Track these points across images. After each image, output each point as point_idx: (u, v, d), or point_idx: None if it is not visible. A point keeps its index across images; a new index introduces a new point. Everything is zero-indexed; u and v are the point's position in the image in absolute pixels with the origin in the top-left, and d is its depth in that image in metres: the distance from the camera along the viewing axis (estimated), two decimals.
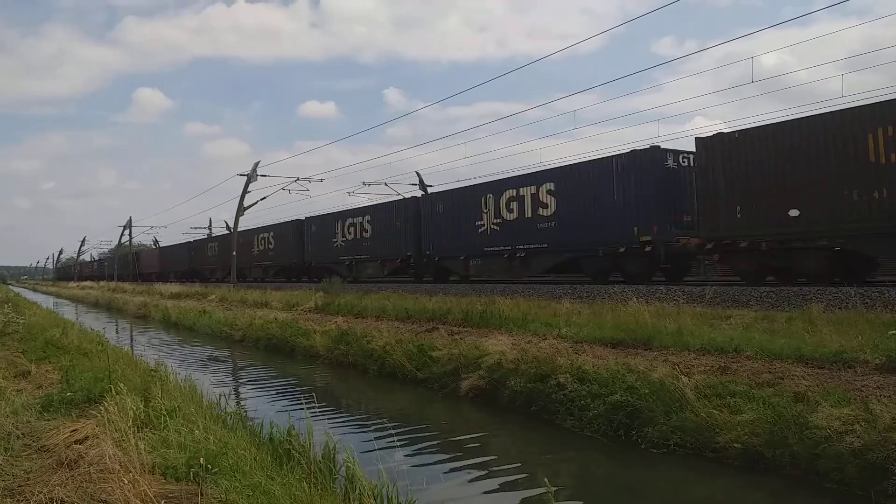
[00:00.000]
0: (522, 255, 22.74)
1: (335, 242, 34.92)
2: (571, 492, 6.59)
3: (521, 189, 22.95)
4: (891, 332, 8.17)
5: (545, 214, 21.97)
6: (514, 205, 23.20)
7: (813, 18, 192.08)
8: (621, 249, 19.08)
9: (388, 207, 31.72)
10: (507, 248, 23.34)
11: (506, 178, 24.33)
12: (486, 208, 24.46)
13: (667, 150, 18.92)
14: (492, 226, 24.25)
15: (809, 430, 6.18)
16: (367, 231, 32.28)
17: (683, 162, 18.74)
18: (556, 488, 6.62)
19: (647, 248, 18.40)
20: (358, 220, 33.23)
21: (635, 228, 18.55)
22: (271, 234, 42.93)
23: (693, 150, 17.76)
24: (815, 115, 15.20)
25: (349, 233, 33.73)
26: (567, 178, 21.35)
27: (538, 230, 22.06)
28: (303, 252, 38.28)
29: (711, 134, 17.10)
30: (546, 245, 21.89)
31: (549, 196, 21.84)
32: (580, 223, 20.35)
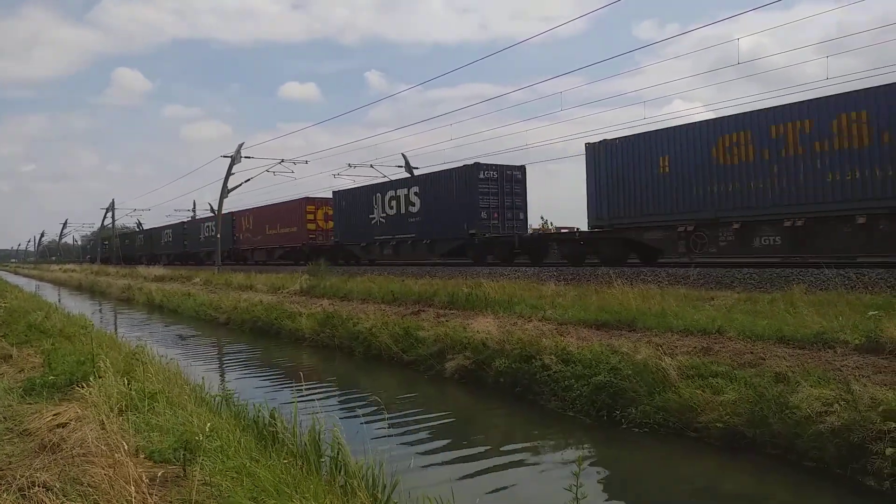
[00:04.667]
0: (394, 243, 30.11)
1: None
2: (554, 471, 6.64)
3: (397, 190, 30.24)
4: (871, 313, 8.28)
5: (413, 211, 28.85)
6: (393, 203, 30.19)
7: (794, 1, 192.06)
8: (461, 238, 25.76)
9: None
10: (391, 237, 30.35)
11: (387, 182, 33.00)
12: (376, 205, 31.33)
13: (482, 166, 25.57)
14: (381, 219, 31.08)
15: (790, 410, 6.26)
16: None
17: (491, 174, 25.63)
18: (543, 469, 6.70)
19: (475, 239, 25.08)
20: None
21: (465, 224, 25.24)
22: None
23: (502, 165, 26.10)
24: (670, 128, 19.08)
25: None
26: (426, 184, 28.54)
27: (409, 223, 29.16)
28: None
29: (597, 141, 21.15)
30: (414, 234, 28.76)
31: (415, 197, 28.84)
32: (437, 219, 27.22)
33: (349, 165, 40.40)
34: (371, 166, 39.83)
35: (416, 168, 39.90)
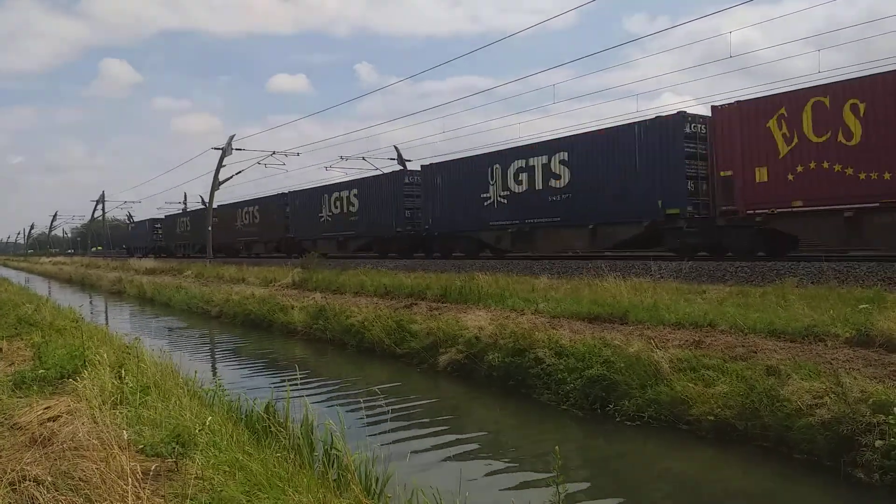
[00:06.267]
0: (342, 239, 33.06)
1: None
2: (545, 464, 6.66)
3: (341, 192, 33.11)
4: (861, 307, 8.33)
5: (353, 211, 31.88)
6: (338, 203, 33.16)
7: None
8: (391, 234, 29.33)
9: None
10: (338, 234, 33.25)
11: (331, 184, 34.98)
12: (325, 205, 34.02)
13: (406, 172, 31.09)
14: (328, 217, 33.90)
15: (780, 403, 6.30)
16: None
17: (415, 178, 29.01)
18: (535, 462, 6.71)
19: (400, 234, 28.68)
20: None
21: (393, 221, 28.99)
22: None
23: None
24: (475, 156, 25.21)
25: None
26: (363, 187, 31.61)
27: (350, 223, 32.13)
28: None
29: (430, 164, 27.37)
30: (353, 231, 31.98)
31: (354, 198, 31.83)
32: (373, 218, 30.37)
33: (341, 158, 40.32)
34: (363, 158, 39.79)
35: (409, 161, 39.89)
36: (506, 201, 23.24)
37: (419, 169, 29.24)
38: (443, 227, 26.31)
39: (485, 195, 24.08)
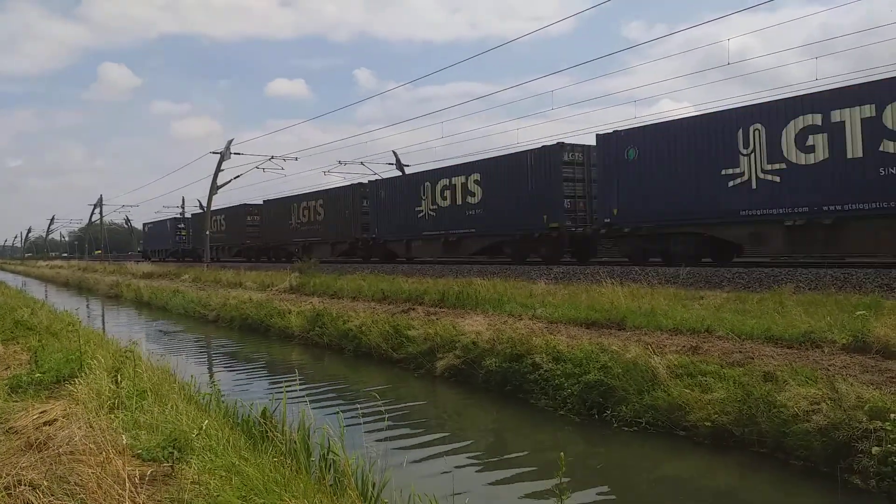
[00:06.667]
0: (306, 244, 36.41)
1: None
2: (543, 470, 6.65)
3: (309, 202, 36.78)
4: (858, 313, 8.35)
5: (320, 220, 35.81)
6: (306, 212, 36.91)
7: (780, 3, 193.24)
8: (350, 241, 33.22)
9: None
10: (304, 239, 37.16)
11: (301, 195, 38.51)
12: (293, 213, 38.12)
13: (362, 184, 33.20)
14: (297, 224, 38.00)
15: (777, 409, 6.31)
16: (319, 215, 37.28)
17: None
18: (533, 468, 6.71)
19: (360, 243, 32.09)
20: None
21: (360, 226, 32.28)
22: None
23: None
24: (411, 174, 30.52)
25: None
26: (327, 198, 35.44)
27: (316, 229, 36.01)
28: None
29: (375, 179, 32.98)
30: (319, 238, 35.99)
31: (321, 208, 35.88)
32: (336, 227, 34.32)
33: (339, 163, 40.38)
34: (361, 163, 39.86)
35: (408, 165, 39.96)
36: (435, 214, 26.79)
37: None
38: (387, 235, 30.08)
39: (419, 209, 27.52)
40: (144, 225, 66.63)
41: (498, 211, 23.42)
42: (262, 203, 43.64)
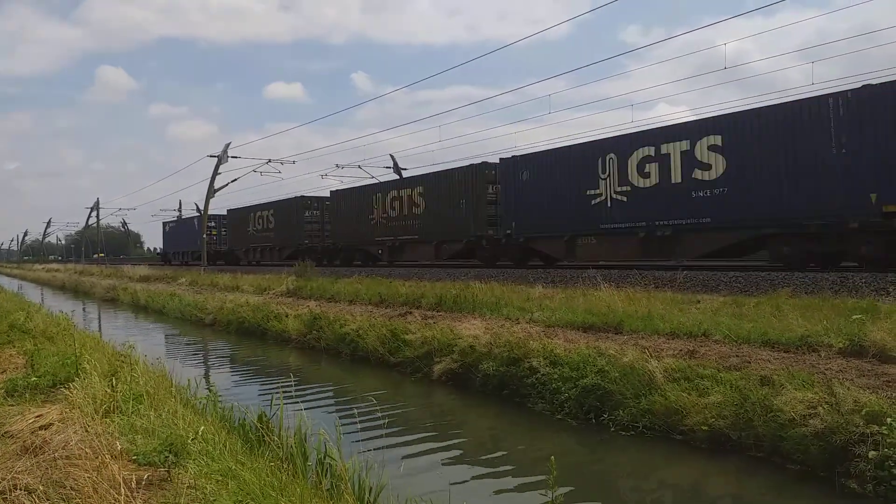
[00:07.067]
0: (260, 249, 41.76)
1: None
2: (539, 474, 6.65)
3: (262, 211, 40.85)
4: (855, 317, 8.36)
5: (271, 227, 40.41)
6: (260, 220, 41.51)
7: (776, 8, 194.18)
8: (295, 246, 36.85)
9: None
10: (258, 245, 42.14)
11: (257, 205, 42.39)
12: (250, 220, 42.07)
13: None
14: (253, 231, 42.21)
15: (774, 413, 6.31)
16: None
17: (314, 203, 37.40)
18: (530, 473, 6.70)
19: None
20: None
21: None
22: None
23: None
24: (364, 186, 33.33)
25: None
26: (278, 208, 39.62)
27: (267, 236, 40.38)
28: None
29: (336, 190, 34.89)
30: (272, 244, 40.04)
31: (272, 217, 40.40)
32: (285, 234, 38.58)
33: (337, 166, 40.41)
34: (359, 167, 39.86)
35: (405, 169, 39.97)
36: (385, 222, 29.56)
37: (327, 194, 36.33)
38: (345, 241, 33.14)
39: (371, 217, 30.44)
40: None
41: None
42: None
